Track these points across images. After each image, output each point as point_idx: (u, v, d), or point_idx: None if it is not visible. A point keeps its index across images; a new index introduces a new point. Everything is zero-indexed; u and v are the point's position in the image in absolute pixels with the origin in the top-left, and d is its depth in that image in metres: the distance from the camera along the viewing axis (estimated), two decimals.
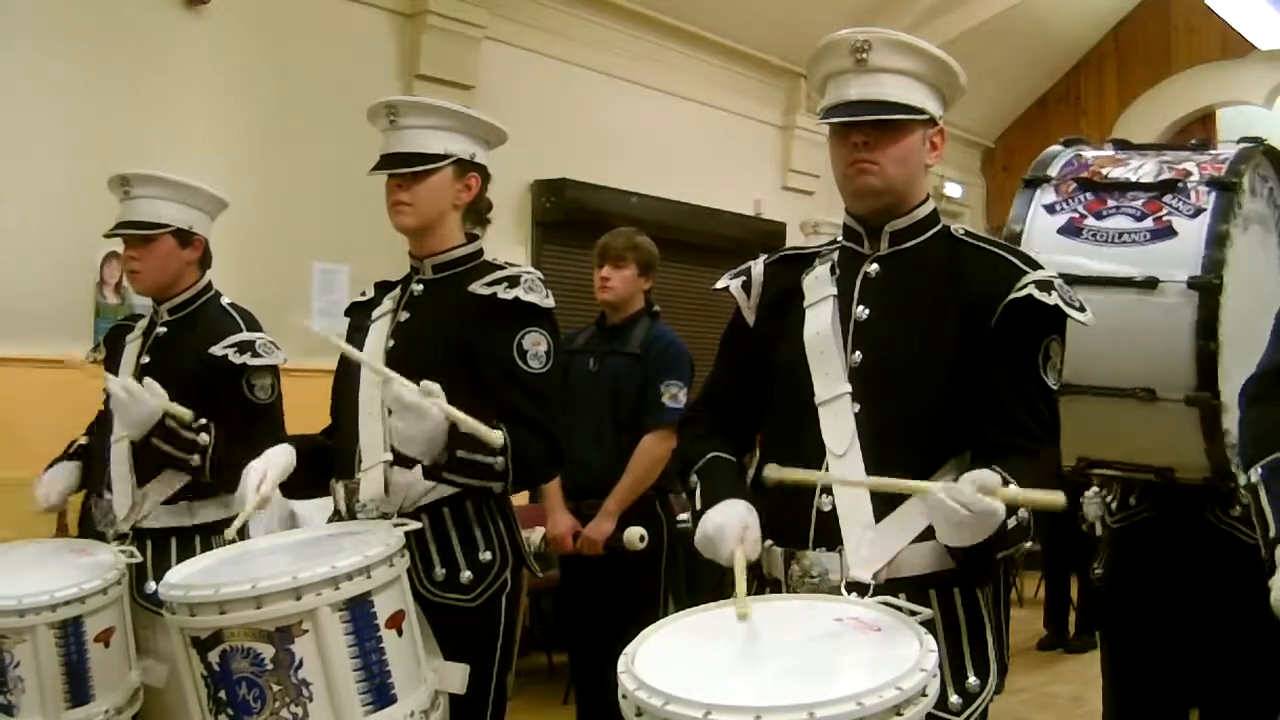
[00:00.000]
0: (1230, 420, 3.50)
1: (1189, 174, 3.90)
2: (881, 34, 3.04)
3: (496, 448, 3.47)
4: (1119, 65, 14.10)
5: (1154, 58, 13.80)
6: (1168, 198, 3.86)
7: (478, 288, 3.75)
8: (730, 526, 2.90)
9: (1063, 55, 14.32)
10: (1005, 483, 2.65)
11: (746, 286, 3.32)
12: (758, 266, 3.35)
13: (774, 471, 2.84)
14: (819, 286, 3.16)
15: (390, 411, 3.47)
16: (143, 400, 4.21)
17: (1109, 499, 4.37)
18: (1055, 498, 2.62)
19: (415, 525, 3.49)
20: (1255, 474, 2.54)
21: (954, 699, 2.84)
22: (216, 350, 4.37)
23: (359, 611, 3.10)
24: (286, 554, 3.40)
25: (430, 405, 3.39)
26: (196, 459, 4.25)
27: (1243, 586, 3.96)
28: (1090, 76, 14.35)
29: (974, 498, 2.57)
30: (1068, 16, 13.43)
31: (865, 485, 2.87)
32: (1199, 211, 3.80)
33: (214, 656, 3.02)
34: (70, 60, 7.03)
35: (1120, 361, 3.62)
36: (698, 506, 3.05)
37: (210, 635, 3.01)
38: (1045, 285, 2.96)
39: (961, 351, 2.99)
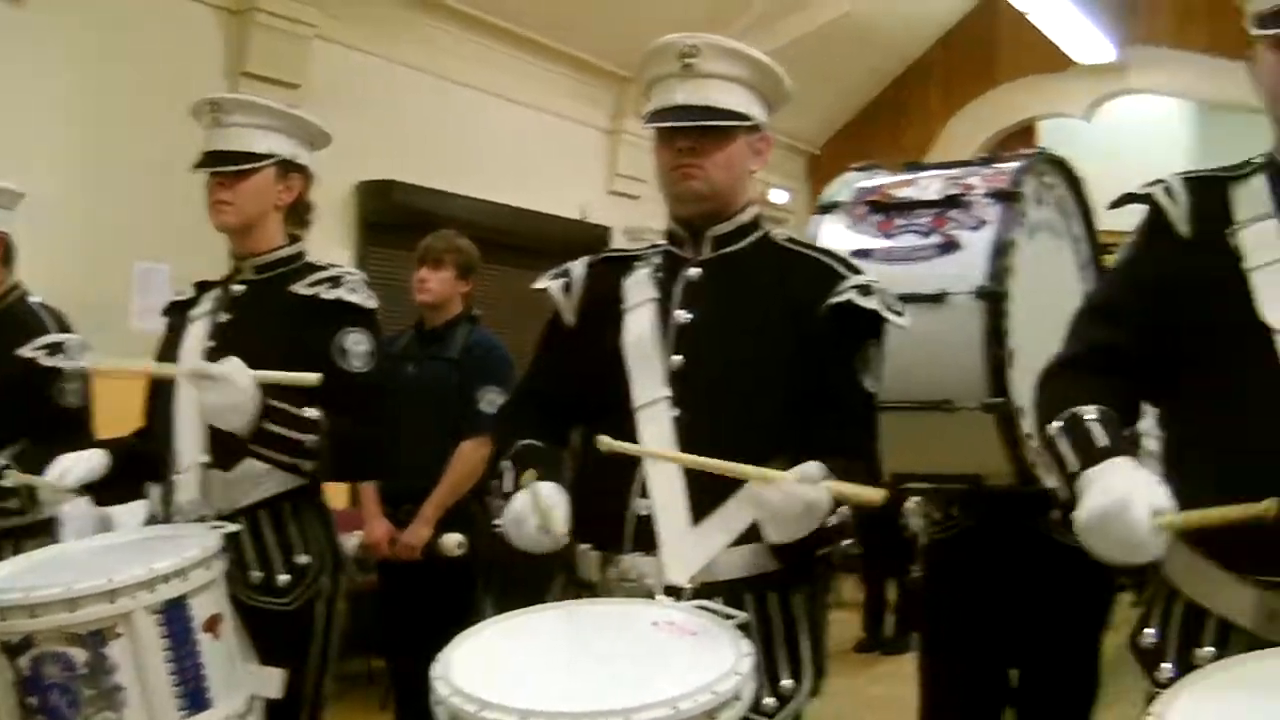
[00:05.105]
0: (1030, 424, 3.59)
1: (973, 188, 3.98)
2: (709, 40, 3.07)
3: (311, 384, 3.40)
4: (945, 76, 14.28)
5: (979, 69, 14.00)
6: (952, 212, 3.94)
7: (300, 288, 3.74)
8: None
9: (889, 65, 14.47)
10: (827, 476, 2.68)
11: (567, 287, 3.33)
12: (579, 267, 3.36)
13: (605, 444, 2.85)
14: (639, 290, 3.18)
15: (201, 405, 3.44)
16: None
17: (932, 510, 4.46)
18: (874, 493, 2.66)
19: (233, 528, 3.44)
20: (1054, 426, 2.58)
21: (768, 701, 2.87)
22: (25, 352, 4.27)
23: (175, 615, 3.05)
24: (101, 556, 3.33)
25: (235, 371, 3.38)
26: None
27: (1059, 589, 4.07)
28: (916, 86, 14.51)
29: (796, 489, 2.61)
30: (894, 27, 13.60)
31: (693, 464, 2.84)
32: (982, 223, 3.88)
33: (24, 662, 2.95)
34: None
35: (919, 376, 3.66)
36: (506, 489, 3.05)
37: (21, 640, 2.94)
38: (865, 289, 3.03)
39: (782, 356, 3.03)
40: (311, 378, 3.41)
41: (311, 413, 3.52)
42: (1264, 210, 2.65)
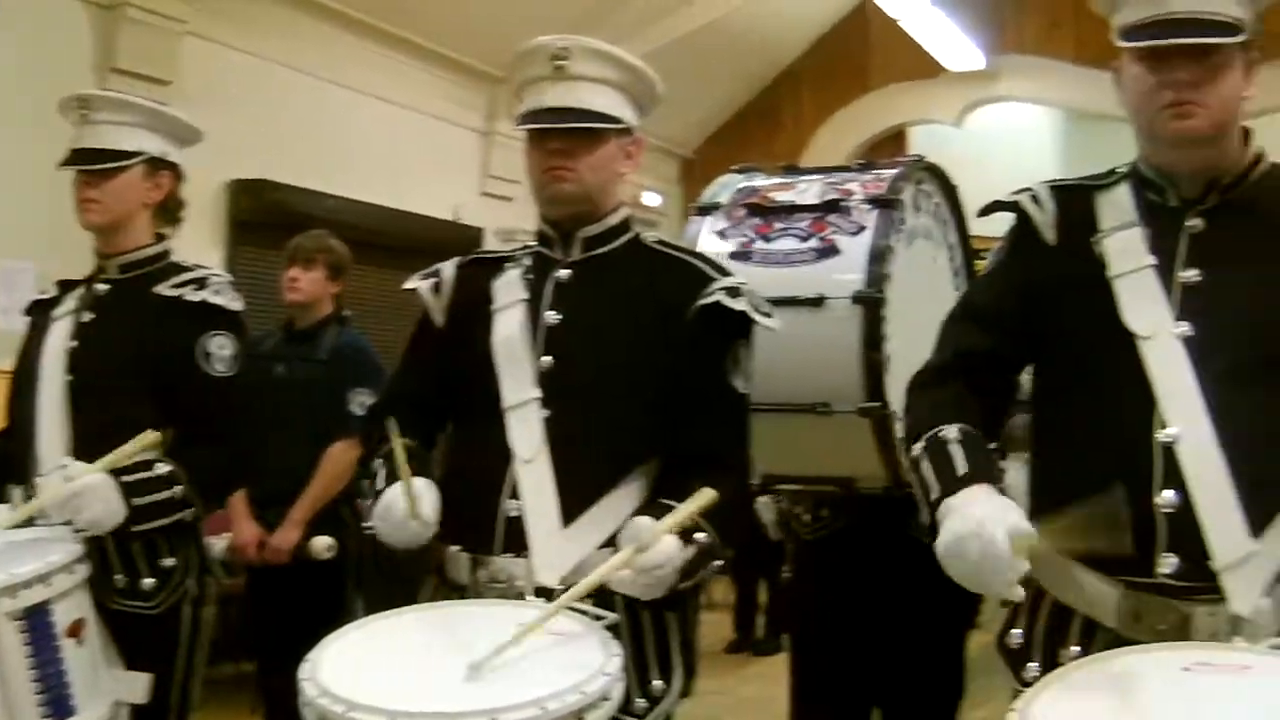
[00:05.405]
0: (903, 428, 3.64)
1: (852, 193, 4.03)
2: (581, 42, 3.08)
3: (149, 443, 3.41)
4: (817, 81, 14.32)
5: (851, 75, 14.07)
6: (832, 217, 3.98)
7: (164, 289, 3.70)
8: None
9: (763, 70, 14.52)
10: (666, 510, 2.73)
11: (437, 288, 3.32)
12: (449, 269, 3.35)
13: None
14: (509, 290, 3.18)
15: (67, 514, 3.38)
16: None
17: (801, 512, 4.50)
18: (704, 496, 2.72)
19: (97, 530, 3.41)
20: (918, 448, 2.65)
21: (639, 702, 2.88)
22: None
23: (37, 620, 3.02)
24: None
25: (90, 479, 3.35)
26: None
27: (926, 591, 4.13)
28: (789, 91, 14.55)
29: (639, 568, 2.66)
30: (767, 32, 13.65)
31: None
32: (861, 229, 3.92)
33: None
34: None
35: (795, 379, 3.70)
36: (379, 486, 3.03)
37: None
38: (733, 291, 3.05)
39: (652, 358, 3.04)
40: (150, 438, 3.39)
41: (164, 468, 3.52)
42: (1128, 219, 2.71)
